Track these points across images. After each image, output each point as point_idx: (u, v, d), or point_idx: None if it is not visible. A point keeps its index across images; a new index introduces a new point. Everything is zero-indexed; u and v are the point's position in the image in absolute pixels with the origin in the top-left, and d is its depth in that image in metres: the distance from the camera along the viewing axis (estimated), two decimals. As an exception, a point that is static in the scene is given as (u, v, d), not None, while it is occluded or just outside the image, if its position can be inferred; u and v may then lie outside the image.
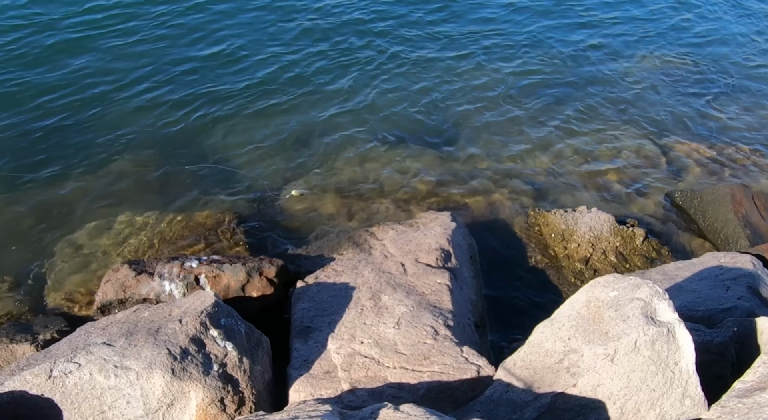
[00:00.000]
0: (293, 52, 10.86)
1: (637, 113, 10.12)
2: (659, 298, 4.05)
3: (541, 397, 4.02)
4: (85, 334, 4.55)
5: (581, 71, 11.21)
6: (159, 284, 5.42)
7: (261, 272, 5.59)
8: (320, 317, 5.17)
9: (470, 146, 8.99)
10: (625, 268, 6.87)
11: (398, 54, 11.08)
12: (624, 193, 8.28)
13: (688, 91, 10.90)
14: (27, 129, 8.51)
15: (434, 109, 9.74)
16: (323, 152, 8.62)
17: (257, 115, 9.24)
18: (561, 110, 9.99)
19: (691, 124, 9.95)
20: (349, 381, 4.50)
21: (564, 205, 7.87)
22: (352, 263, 5.93)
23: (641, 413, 3.88)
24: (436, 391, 4.46)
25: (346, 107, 9.60)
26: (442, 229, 6.41)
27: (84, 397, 3.95)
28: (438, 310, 5.19)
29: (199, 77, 9.96)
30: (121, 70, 9.88)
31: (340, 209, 7.64)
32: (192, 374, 3.99)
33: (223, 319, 4.39)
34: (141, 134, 8.65)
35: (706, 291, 5.63)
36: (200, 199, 7.66)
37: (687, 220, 7.87)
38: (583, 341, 4.01)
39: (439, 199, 7.89)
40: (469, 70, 10.87)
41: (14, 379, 3.99)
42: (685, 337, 3.90)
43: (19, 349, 5.26)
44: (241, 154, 8.48)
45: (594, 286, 4.32)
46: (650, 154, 9.09)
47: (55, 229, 7.08)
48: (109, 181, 7.82)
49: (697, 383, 3.91)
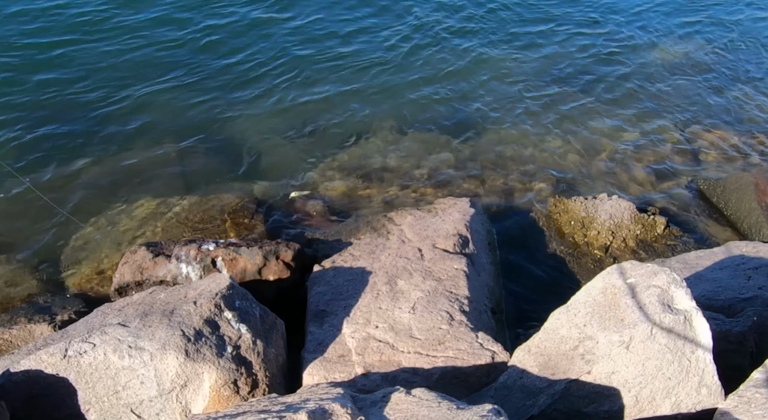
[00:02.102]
0: (313, 38, 10.85)
1: (661, 100, 9.99)
2: (677, 285, 3.99)
3: (555, 383, 3.99)
4: (102, 315, 4.59)
5: (604, 59, 11.09)
6: (176, 266, 5.44)
7: (278, 256, 5.58)
8: (336, 301, 5.17)
9: (491, 132, 8.93)
10: (645, 256, 6.79)
11: (418, 39, 11.04)
12: (646, 180, 8.19)
13: (715, 78, 10.75)
14: (49, 113, 8.58)
15: (455, 95, 9.69)
16: (342, 138, 8.61)
17: (278, 102, 9.26)
18: (583, 98, 9.89)
19: (717, 111, 9.80)
20: (362, 365, 4.49)
21: (584, 193, 7.79)
22: (369, 248, 5.92)
23: (656, 401, 3.84)
24: (450, 376, 4.45)
25: (366, 93, 9.58)
26: (461, 215, 6.37)
27: (98, 377, 3.97)
28: (454, 295, 5.16)
29: (221, 63, 9.99)
30: (141, 56, 9.95)
31: (358, 194, 7.62)
32: (205, 356, 4.00)
33: (237, 302, 4.39)
34: (161, 120, 8.69)
35: (727, 280, 5.55)
36: (219, 184, 7.67)
37: (710, 209, 7.76)
38: (598, 328, 3.96)
39: (458, 185, 7.84)
40: (492, 57, 10.80)
41: (30, 358, 4.02)
42: (703, 325, 3.84)
43: (37, 329, 5.31)
44: (260, 139, 8.48)
45: (611, 273, 4.27)
46: (674, 142, 8.98)
47: (75, 211, 7.12)
48: (130, 165, 7.87)
49: (714, 372, 3.85)
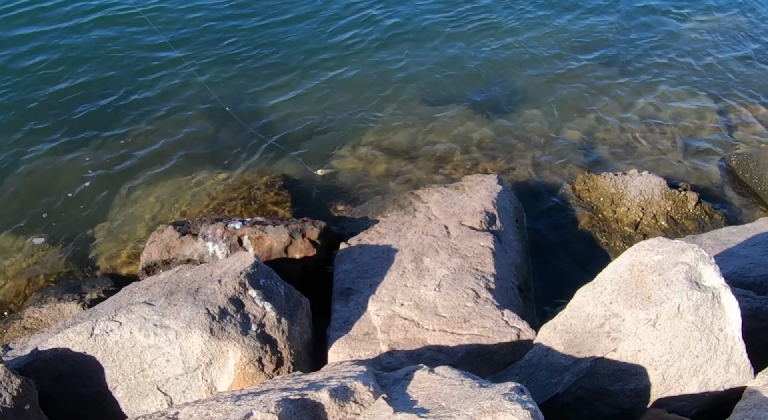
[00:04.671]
0: (340, 17, 10.81)
1: (693, 74, 9.81)
2: (705, 262, 3.92)
3: (580, 361, 3.95)
4: (129, 293, 4.63)
5: (637, 32, 10.91)
6: (202, 245, 5.47)
7: (304, 234, 5.59)
8: (361, 279, 5.16)
9: (520, 109, 8.84)
10: (676, 232, 6.70)
11: (442, 16, 10.93)
12: (678, 155, 8.05)
13: (750, 51, 10.52)
14: (75, 96, 8.67)
15: (484, 72, 9.60)
16: (370, 116, 8.58)
17: (304, 80, 9.25)
18: (612, 73, 9.76)
19: (751, 85, 9.60)
20: (387, 343, 4.49)
21: (614, 169, 7.69)
22: (395, 226, 5.90)
23: (683, 380, 3.79)
24: (475, 354, 4.43)
25: (392, 72, 9.52)
26: (488, 192, 6.32)
27: (125, 355, 4.02)
28: (480, 273, 5.13)
29: (248, 43, 9.99)
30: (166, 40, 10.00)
31: (386, 172, 7.59)
32: (230, 334, 4.02)
33: (262, 280, 4.40)
34: (189, 100, 8.73)
35: (759, 256, 5.45)
36: (246, 162, 7.70)
37: (742, 185, 7.61)
38: (624, 306, 3.91)
39: (486, 161, 7.78)
40: (523, 33, 10.67)
41: (57, 337, 4.08)
42: (731, 302, 3.77)
43: (66, 308, 5.39)
44: (288, 118, 8.49)
45: (638, 250, 4.20)
46: (707, 116, 8.82)
47: (105, 191, 7.21)
48: (157, 146, 7.92)
49: (742, 350, 3.79)
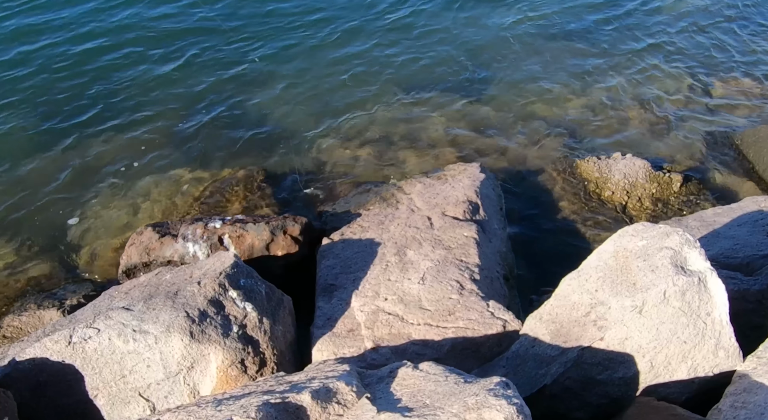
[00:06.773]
0: (318, 9, 10.71)
1: (677, 50, 9.72)
2: (690, 246, 3.87)
3: (567, 351, 3.89)
4: (109, 298, 4.55)
5: (614, 11, 10.79)
6: (183, 246, 5.39)
7: (285, 230, 5.51)
8: (344, 274, 5.10)
9: (500, 93, 8.74)
10: (662, 214, 6.65)
11: (420, 3, 10.84)
12: (663, 135, 7.97)
13: (735, 25, 10.42)
14: (53, 89, 8.57)
15: (464, 60, 9.48)
16: (349, 106, 8.47)
17: (281, 73, 9.14)
18: (592, 53, 9.65)
19: (737, 61, 9.51)
20: (372, 339, 4.43)
21: (597, 152, 7.62)
22: (378, 218, 5.83)
23: (672, 366, 3.74)
24: (461, 347, 4.37)
25: (369, 60, 9.43)
26: (471, 181, 6.25)
27: (104, 363, 3.94)
28: (464, 264, 5.07)
29: (226, 36, 9.87)
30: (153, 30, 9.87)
31: (368, 164, 7.50)
32: (211, 336, 3.95)
33: (242, 280, 4.33)
34: (167, 95, 8.62)
35: (745, 237, 5.40)
36: (226, 158, 7.60)
37: (728, 163, 7.55)
38: (610, 293, 3.86)
39: (468, 148, 7.69)
40: (497, 15, 10.56)
41: (35, 346, 4.00)
42: (718, 286, 3.72)
43: (46, 315, 5.29)
44: (267, 111, 8.38)
45: (622, 236, 4.15)
46: (691, 93, 8.73)
47: (83, 192, 7.10)
48: (135, 144, 7.81)
49: (731, 334, 3.74)
